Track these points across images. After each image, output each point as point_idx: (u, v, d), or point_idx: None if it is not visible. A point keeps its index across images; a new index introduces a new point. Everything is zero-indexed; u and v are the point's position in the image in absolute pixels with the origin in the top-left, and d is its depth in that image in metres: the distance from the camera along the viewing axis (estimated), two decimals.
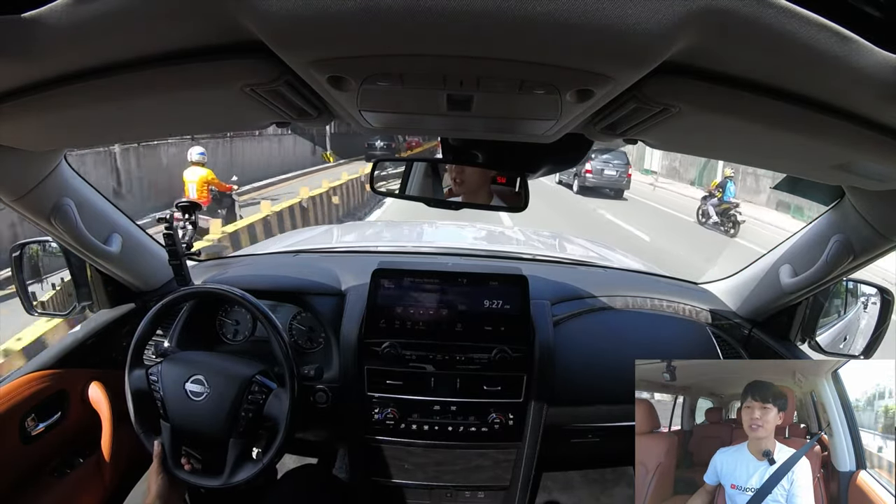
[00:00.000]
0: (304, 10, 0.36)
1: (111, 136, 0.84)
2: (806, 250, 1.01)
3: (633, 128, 0.58)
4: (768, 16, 0.36)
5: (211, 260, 1.58)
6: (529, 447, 1.16)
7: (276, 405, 0.99)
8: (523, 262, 1.58)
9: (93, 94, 0.51)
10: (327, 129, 15.99)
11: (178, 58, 0.46)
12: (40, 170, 0.82)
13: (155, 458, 0.99)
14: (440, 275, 1.16)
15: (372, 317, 1.14)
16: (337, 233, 2.22)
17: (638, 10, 0.35)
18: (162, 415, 0.98)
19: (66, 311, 1.23)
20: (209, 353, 1.09)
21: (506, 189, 0.95)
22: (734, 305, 1.32)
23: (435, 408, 1.13)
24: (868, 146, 0.51)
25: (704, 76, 0.45)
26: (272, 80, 0.48)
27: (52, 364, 1.10)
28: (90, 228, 0.96)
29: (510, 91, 0.47)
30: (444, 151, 0.97)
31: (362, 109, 0.56)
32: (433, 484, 1.20)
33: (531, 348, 1.13)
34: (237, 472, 0.98)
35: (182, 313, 1.20)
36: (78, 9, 0.38)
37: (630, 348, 1.17)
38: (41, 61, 0.45)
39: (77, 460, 1.14)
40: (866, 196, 0.79)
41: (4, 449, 0.99)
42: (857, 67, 0.39)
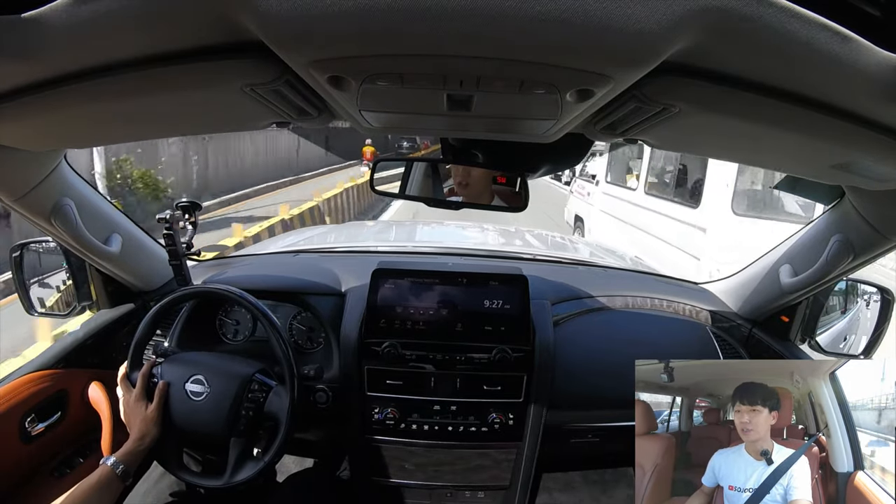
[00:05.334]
0: (304, 10, 0.36)
1: (111, 136, 0.84)
2: (806, 250, 1.01)
3: (633, 128, 0.58)
4: (768, 16, 0.36)
5: (211, 260, 1.58)
6: (529, 447, 1.16)
7: (277, 403, 0.99)
8: (523, 262, 1.58)
9: (93, 94, 0.51)
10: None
11: (178, 58, 0.46)
12: (40, 170, 0.82)
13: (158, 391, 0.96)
14: (440, 275, 1.16)
15: (372, 317, 1.14)
16: (337, 233, 2.22)
17: (638, 9, 0.35)
18: (162, 415, 0.98)
19: (67, 312, 1.23)
20: (209, 353, 1.09)
21: (506, 189, 0.95)
22: (734, 305, 1.32)
23: (435, 408, 1.13)
24: (868, 146, 0.51)
25: (704, 76, 0.45)
26: (272, 80, 0.49)
27: (52, 364, 1.10)
28: (90, 228, 0.96)
29: (510, 91, 0.47)
30: (444, 151, 0.97)
31: (362, 109, 0.56)
32: (433, 484, 1.20)
33: (531, 348, 1.13)
34: (238, 472, 0.97)
35: (182, 313, 1.20)
36: (78, 9, 0.38)
37: (630, 348, 1.17)
38: (41, 61, 0.45)
39: (77, 460, 1.14)
40: (866, 196, 0.79)
41: (4, 449, 0.99)
42: (857, 67, 0.39)
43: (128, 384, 0.99)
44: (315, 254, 1.59)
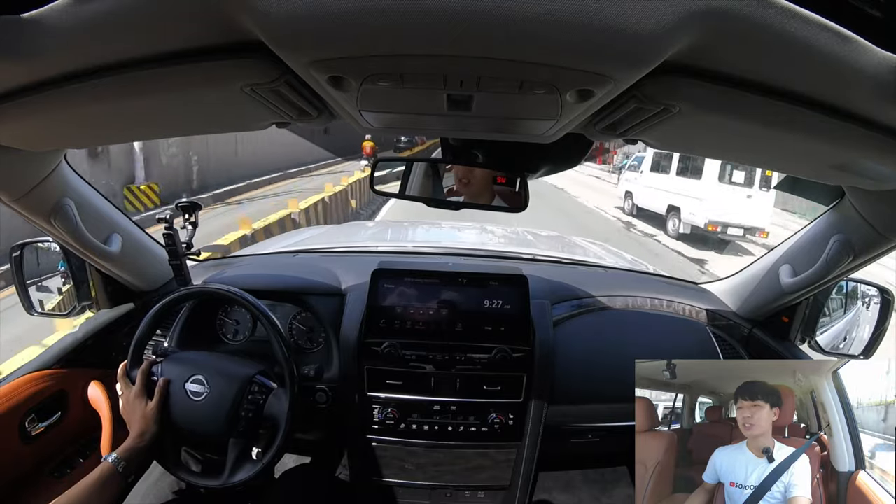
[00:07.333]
0: (304, 10, 0.36)
1: (111, 136, 0.84)
2: (806, 250, 1.01)
3: (634, 128, 0.58)
4: (768, 16, 0.36)
5: (211, 260, 1.58)
6: (529, 447, 1.16)
7: (276, 405, 0.99)
8: (523, 262, 1.58)
9: (93, 94, 0.51)
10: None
11: (178, 58, 0.46)
12: (40, 170, 0.82)
13: (158, 390, 0.96)
14: (440, 275, 1.16)
15: (372, 317, 1.14)
16: (337, 233, 2.22)
17: (638, 10, 0.35)
18: (162, 415, 0.98)
19: (67, 312, 1.23)
20: (209, 353, 1.09)
21: (506, 189, 0.95)
22: (734, 305, 1.32)
23: (435, 408, 1.13)
24: (868, 146, 0.51)
25: (704, 76, 0.45)
26: (272, 80, 0.48)
27: (52, 364, 1.10)
28: (90, 228, 0.96)
29: (510, 91, 0.47)
30: (444, 151, 0.97)
31: (362, 109, 0.56)
32: (433, 484, 1.20)
33: (531, 348, 1.13)
34: (237, 473, 0.97)
35: (182, 313, 1.20)
36: (78, 9, 0.38)
37: (630, 348, 1.17)
38: (41, 61, 0.45)
39: (77, 460, 1.14)
40: (866, 196, 0.79)
41: (4, 449, 0.99)
42: (857, 67, 0.39)
43: (127, 381, 0.98)
44: (315, 254, 1.60)
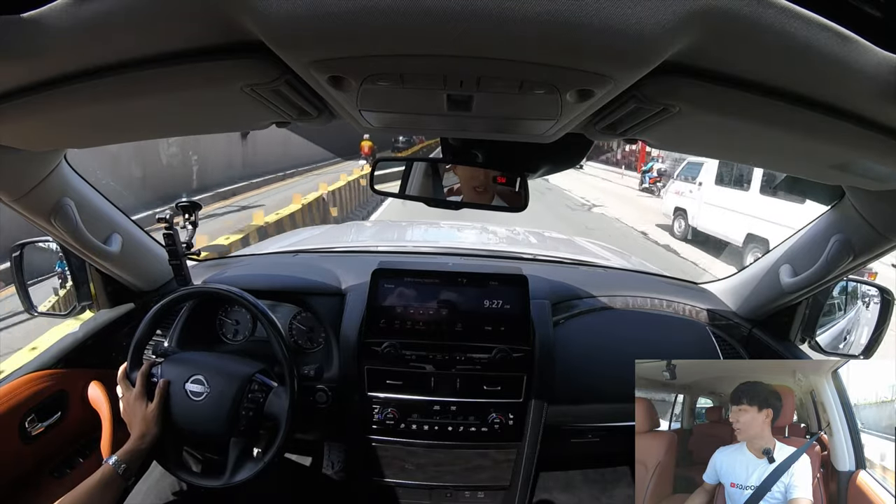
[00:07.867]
0: (304, 10, 0.36)
1: (111, 136, 0.84)
2: (806, 250, 1.01)
3: (634, 127, 0.58)
4: (768, 16, 0.36)
5: (211, 260, 1.58)
6: (529, 447, 1.16)
7: (277, 403, 0.99)
8: (523, 262, 1.58)
9: (93, 94, 0.51)
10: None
11: (178, 58, 0.46)
12: (40, 170, 0.82)
13: (158, 391, 0.96)
14: (440, 275, 1.16)
15: (372, 317, 1.14)
16: (336, 233, 2.22)
17: (638, 10, 0.35)
18: (163, 416, 0.98)
19: (67, 312, 1.23)
20: (209, 353, 1.09)
21: (506, 189, 0.95)
22: (734, 305, 1.32)
23: (435, 408, 1.13)
24: (868, 146, 0.51)
25: (704, 76, 0.45)
26: (272, 80, 0.48)
27: (52, 364, 1.10)
28: (90, 228, 0.96)
29: (510, 91, 0.47)
30: (444, 151, 0.97)
31: (362, 109, 0.56)
32: (433, 484, 1.20)
33: (531, 348, 1.13)
34: (238, 472, 0.97)
35: (182, 313, 1.20)
36: (78, 9, 0.38)
37: (630, 348, 1.17)
38: (41, 61, 0.45)
39: (77, 460, 1.14)
40: (866, 196, 0.79)
41: (4, 449, 0.99)
42: (857, 67, 0.39)
43: (127, 383, 0.99)
44: (315, 254, 1.59)
